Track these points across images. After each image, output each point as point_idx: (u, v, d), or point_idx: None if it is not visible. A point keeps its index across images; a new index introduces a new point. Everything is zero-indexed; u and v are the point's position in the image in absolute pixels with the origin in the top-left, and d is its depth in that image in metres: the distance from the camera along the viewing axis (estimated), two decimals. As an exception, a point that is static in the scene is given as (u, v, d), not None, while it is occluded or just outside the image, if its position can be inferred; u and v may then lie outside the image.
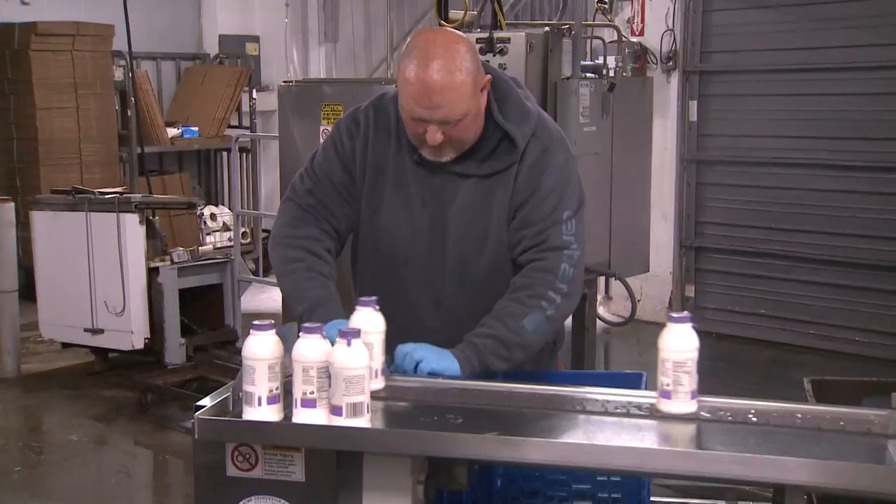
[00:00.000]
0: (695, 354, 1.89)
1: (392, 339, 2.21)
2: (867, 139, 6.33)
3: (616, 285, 6.46)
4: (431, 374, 2.14)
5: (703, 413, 1.91)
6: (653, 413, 1.92)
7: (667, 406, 1.90)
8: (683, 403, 1.90)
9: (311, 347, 1.84)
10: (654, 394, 1.97)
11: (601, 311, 6.35)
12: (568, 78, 4.80)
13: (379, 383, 2.05)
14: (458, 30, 5.08)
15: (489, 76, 2.30)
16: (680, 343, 1.88)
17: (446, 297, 2.39)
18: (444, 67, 2.18)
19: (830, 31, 6.44)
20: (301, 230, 2.41)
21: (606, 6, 6.85)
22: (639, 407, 1.95)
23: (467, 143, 2.31)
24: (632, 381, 2.22)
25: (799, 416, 1.89)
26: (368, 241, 2.44)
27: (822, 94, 6.53)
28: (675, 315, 1.90)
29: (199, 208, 8.08)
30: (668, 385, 1.89)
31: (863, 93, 6.37)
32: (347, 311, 2.15)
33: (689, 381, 1.89)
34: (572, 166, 2.40)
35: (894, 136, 6.17)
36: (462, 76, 2.20)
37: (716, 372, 6.42)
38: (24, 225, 6.19)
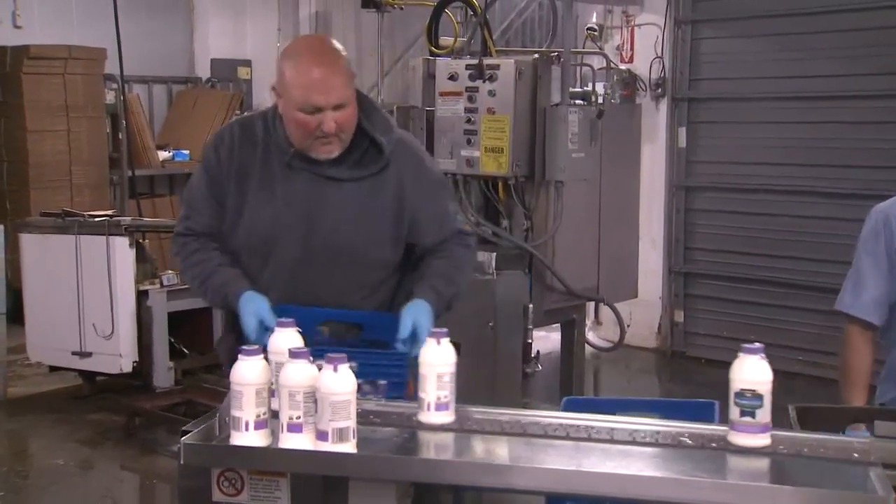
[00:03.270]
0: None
1: None
2: (854, 167, 6.37)
3: (605, 310, 6.48)
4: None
5: (691, 440, 1.92)
6: (657, 441, 1.93)
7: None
8: None
9: (298, 372, 1.84)
10: (658, 422, 2.02)
11: (590, 336, 6.35)
12: (557, 104, 4.84)
13: (448, 416, 2.04)
14: (448, 56, 5.13)
15: (353, 71, 2.49)
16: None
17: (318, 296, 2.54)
18: (327, 57, 2.42)
19: (817, 61, 6.50)
20: (186, 251, 2.60)
21: (596, 33, 6.92)
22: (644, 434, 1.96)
23: (350, 135, 2.48)
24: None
25: (782, 443, 1.90)
26: (236, 242, 2.57)
27: (810, 122, 6.58)
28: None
29: (189, 232, 8.07)
30: None
31: (849, 121, 6.42)
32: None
33: None
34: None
35: (881, 164, 6.21)
36: (342, 62, 2.43)
37: (704, 398, 6.42)
38: (12, 247, 6.17)
